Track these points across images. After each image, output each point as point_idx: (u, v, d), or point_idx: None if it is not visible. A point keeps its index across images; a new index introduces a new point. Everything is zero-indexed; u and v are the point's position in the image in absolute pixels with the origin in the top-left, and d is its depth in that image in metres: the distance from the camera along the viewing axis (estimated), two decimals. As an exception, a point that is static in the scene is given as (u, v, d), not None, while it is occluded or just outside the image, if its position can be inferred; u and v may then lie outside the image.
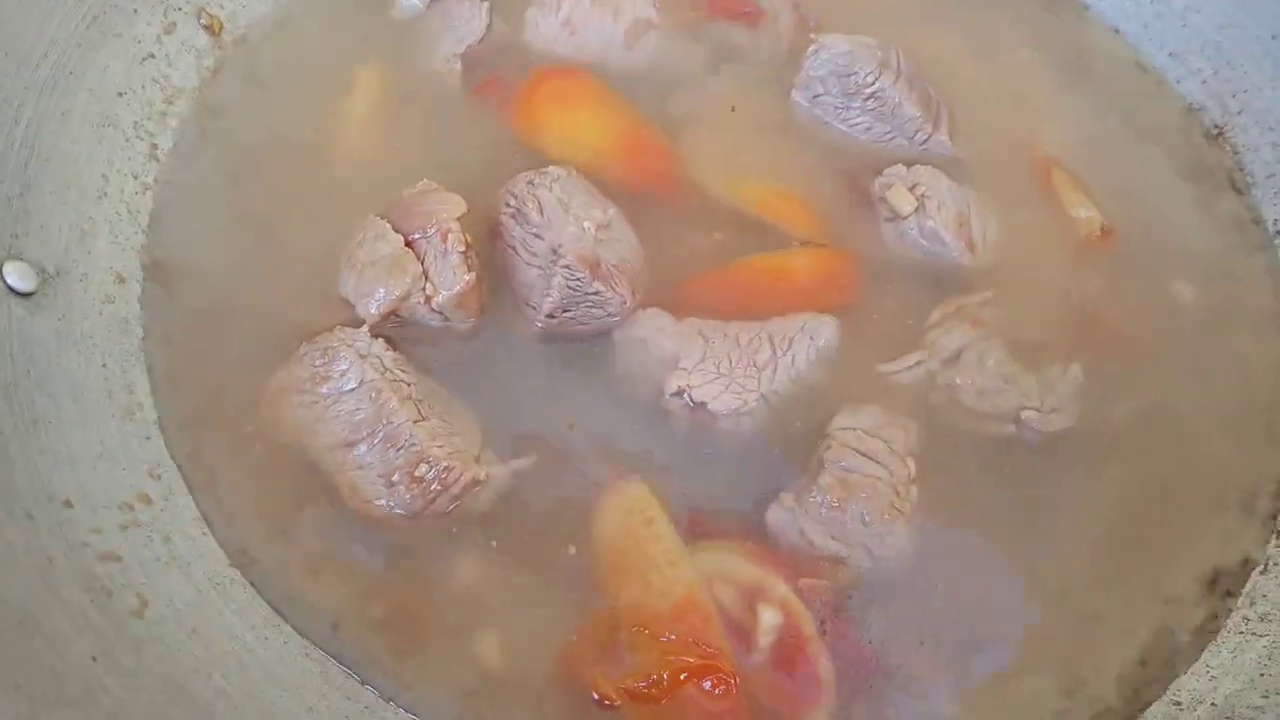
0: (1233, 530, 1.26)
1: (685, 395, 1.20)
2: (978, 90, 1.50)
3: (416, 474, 1.13)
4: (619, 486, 1.18)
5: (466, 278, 1.20)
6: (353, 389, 1.16)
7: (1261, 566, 1.23)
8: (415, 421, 1.14)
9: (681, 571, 1.12)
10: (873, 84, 1.39)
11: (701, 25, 1.52)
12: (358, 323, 1.20)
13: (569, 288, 1.20)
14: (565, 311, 1.22)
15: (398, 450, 1.13)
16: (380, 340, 1.19)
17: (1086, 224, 1.40)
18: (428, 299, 1.20)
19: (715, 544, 1.15)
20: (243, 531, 1.15)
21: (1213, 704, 1.15)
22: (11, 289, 1.14)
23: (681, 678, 1.06)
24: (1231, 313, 1.39)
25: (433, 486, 1.13)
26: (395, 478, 1.13)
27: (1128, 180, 1.47)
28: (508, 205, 1.26)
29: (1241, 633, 1.19)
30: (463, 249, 1.21)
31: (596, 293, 1.21)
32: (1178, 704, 1.16)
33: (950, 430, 1.24)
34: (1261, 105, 1.51)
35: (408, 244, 1.21)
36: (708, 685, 1.06)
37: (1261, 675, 1.14)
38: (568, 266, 1.19)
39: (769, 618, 1.09)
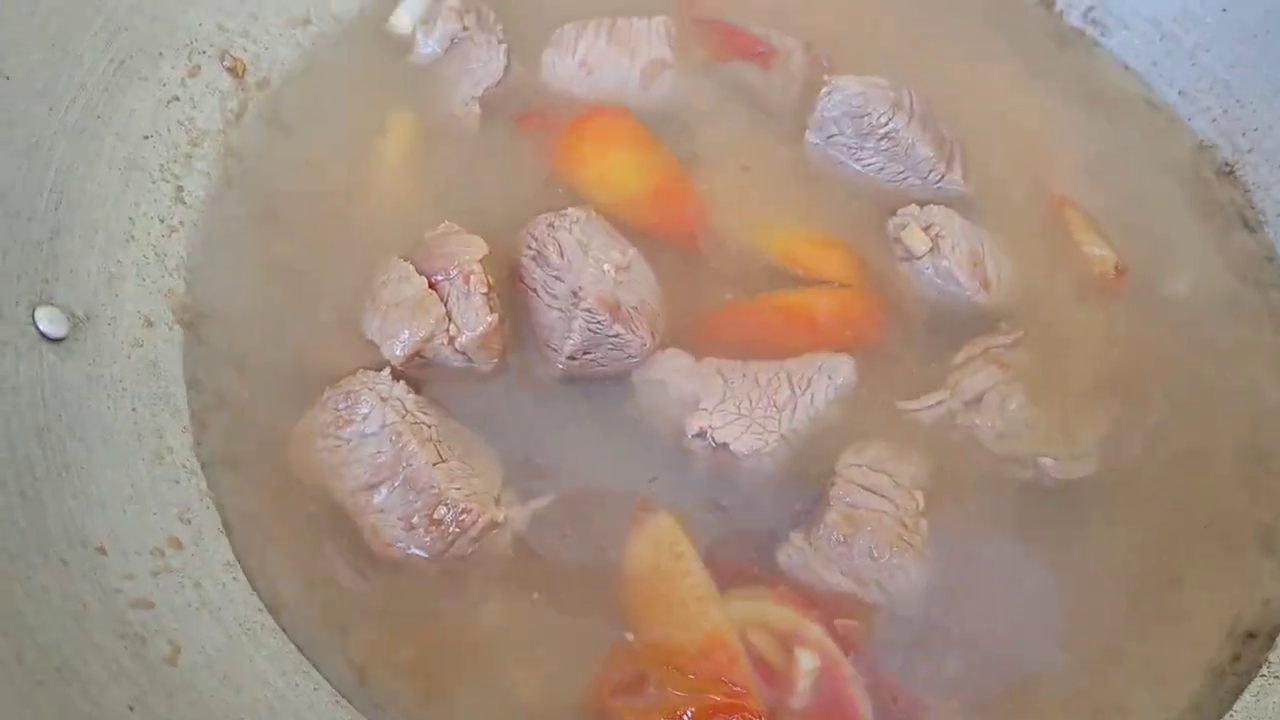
0: (1254, 572, 1.25)
1: (708, 436, 1.21)
2: (990, 129, 1.52)
3: (435, 516, 1.14)
4: (648, 520, 1.19)
5: (489, 319, 1.21)
6: (374, 432, 1.17)
7: (1283, 607, 1.24)
8: (434, 464, 1.15)
9: (709, 608, 1.13)
10: (886, 125, 1.40)
11: (715, 65, 1.54)
12: (382, 364, 1.22)
13: (589, 330, 1.22)
14: (586, 353, 1.24)
15: (417, 493, 1.14)
16: (402, 382, 1.20)
17: (1100, 262, 1.41)
18: (451, 340, 1.22)
19: (747, 590, 1.16)
20: (272, 576, 1.16)
21: (1234, 749, 1.15)
22: (43, 334, 1.16)
23: (708, 715, 1.06)
24: (1246, 351, 1.40)
25: (451, 529, 1.14)
26: (414, 520, 1.14)
27: (1141, 218, 1.48)
28: (528, 247, 1.28)
29: (1264, 676, 1.18)
30: (485, 290, 1.22)
31: (617, 335, 1.22)
32: (1200, 748, 1.17)
33: (969, 470, 1.25)
34: (1272, 144, 1.52)
35: (431, 286, 1.23)
36: (734, 723, 1.07)
37: (1283, 720, 1.15)
38: (588, 310, 1.21)
39: (806, 661, 1.10)
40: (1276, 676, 1.18)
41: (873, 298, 1.36)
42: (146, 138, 1.36)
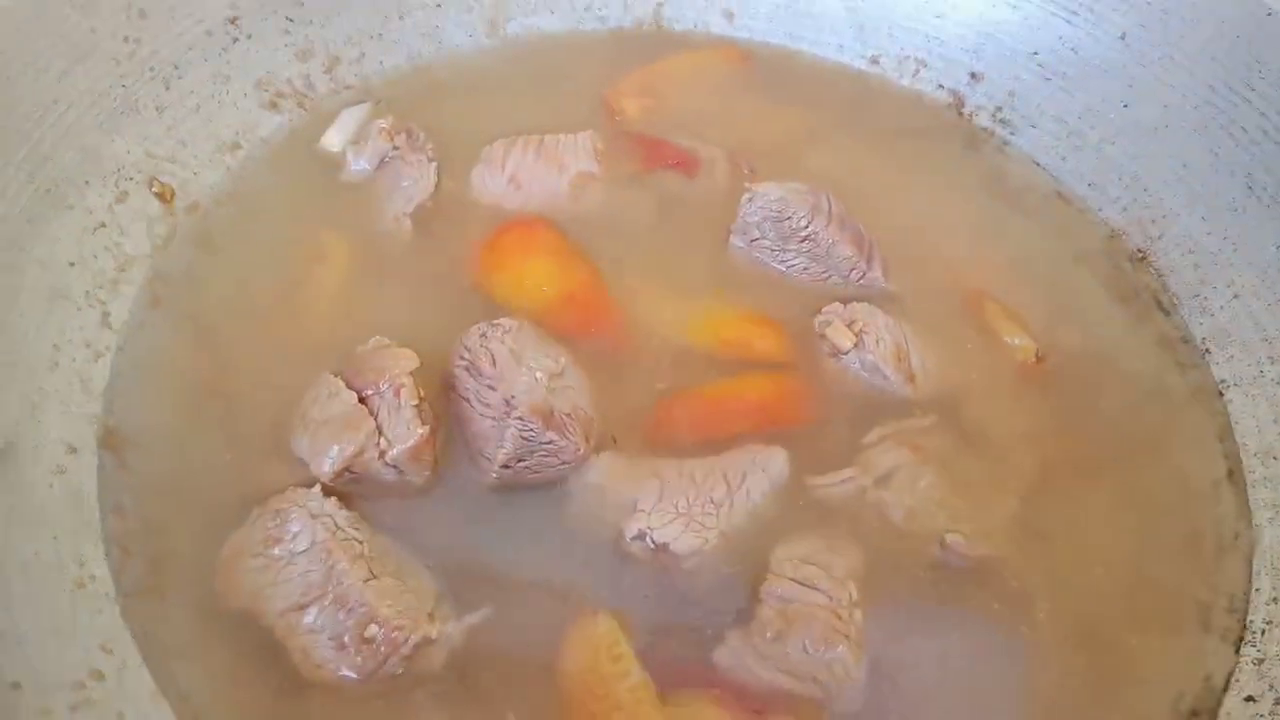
0: (1194, 649, 1.25)
1: (647, 538, 1.20)
2: (908, 227, 1.56)
3: (366, 635, 1.11)
4: (587, 622, 1.17)
5: (420, 431, 1.21)
6: (304, 550, 1.15)
7: (1224, 684, 1.22)
8: (365, 581, 1.13)
9: (647, 710, 1.11)
10: (806, 227, 1.44)
11: (642, 176, 1.59)
12: (313, 482, 1.20)
13: (522, 439, 1.21)
14: (520, 462, 1.23)
15: (348, 612, 1.12)
16: (333, 499, 1.18)
17: (1020, 351, 1.44)
18: (381, 454, 1.21)
19: (686, 692, 1.13)
20: (198, 706, 1.12)
21: (1184, 826, 1.13)
22: (-39, 467, 1.14)
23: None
24: (1169, 431, 1.42)
25: (382, 648, 1.11)
26: (345, 640, 1.11)
27: (1059, 306, 1.51)
28: (461, 358, 1.28)
29: (1208, 754, 1.17)
30: (415, 403, 1.22)
31: (550, 442, 1.22)
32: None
33: (890, 555, 1.24)
34: (1179, 230, 1.57)
35: (361, 400, 1.23)
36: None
37: (1230, 797, 1.13)
38: (520, 418, 1.20)
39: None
40: (1221, 755, 1.17)
41: (806, 380, 1.38)
42: (72, 264, 1.36)
